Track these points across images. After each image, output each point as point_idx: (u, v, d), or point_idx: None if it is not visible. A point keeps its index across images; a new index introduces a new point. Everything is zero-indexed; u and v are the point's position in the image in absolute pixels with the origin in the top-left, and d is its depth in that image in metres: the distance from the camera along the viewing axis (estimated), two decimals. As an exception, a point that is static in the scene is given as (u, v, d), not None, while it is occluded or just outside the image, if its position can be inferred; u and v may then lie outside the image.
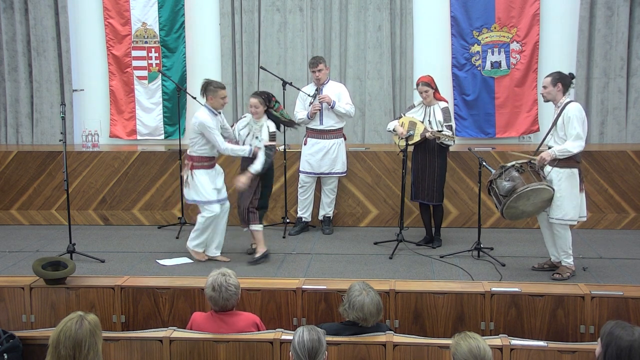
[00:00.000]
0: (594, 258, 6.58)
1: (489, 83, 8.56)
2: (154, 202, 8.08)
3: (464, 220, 7.81)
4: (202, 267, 6.34)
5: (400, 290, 4.90)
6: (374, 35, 8.62)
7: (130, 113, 9.03)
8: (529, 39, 8.42)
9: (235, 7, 8.76)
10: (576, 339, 4.70)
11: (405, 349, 4.07)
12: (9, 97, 9.02)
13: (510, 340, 4.07)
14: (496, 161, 7.41)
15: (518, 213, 6.00)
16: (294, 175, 7.77)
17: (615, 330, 3.37)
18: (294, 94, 7.83)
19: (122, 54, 8.94)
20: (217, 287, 4.21)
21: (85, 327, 3.38)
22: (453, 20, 8.53)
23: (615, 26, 8.26)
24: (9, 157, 8.14)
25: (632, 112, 8.40)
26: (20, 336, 4.17)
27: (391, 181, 7.82)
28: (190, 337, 4.21)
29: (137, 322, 5.04)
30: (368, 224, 7.92)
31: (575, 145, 5.78)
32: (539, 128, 8.45)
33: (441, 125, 6.83)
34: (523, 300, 4.82)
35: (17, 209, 8.19)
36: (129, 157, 8.09)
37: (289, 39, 8.72)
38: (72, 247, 6.58)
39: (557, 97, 5.93)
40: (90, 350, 3.36)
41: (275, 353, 4.11)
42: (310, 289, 4.96)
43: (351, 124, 8.45)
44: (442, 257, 6.61)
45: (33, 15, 8.88)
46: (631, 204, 7.64)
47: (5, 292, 5.07)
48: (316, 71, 7.41)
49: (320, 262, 6.56)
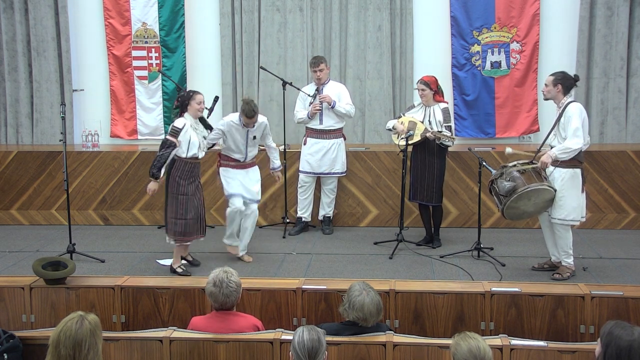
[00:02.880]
0: (594, 258, 6.58)
1: (489, 83, 8.56)
2: (154, 202, 8.07)
3: (464, 220, 7.81)
4: (202, 267, 6.35)
5: (400, 290, 4.90)
6: (374, 35, 8.62)
7: (131, 113, 9.04)
8: (529, 39, 8.42)
9: (235, 7, 8.76)
10: (576, 339, 4.70)
11: (405, 349, 4.07)
12: (9, 97, 9.02)
13: (510, 340, 4.07)
14: (496, 161, 7.41)
15: (519, 213, 6.00)
16: (294, 175, 7.77)
17: (615, 330, 3.36)
18: (294, 94, 7.83)
19: (123, 54, 8.94)
20: (218, 282, 4.21)
21: (85, 327, 3.38)
22: (453, 20, 8.53)
23: (615, 26, 8.26)
24: (9, 157, 8.14)
25: (632, 112, 8.40)
26: (20, 336, 4.16)
27: (391, 181, 7.82)
28: (190, 337, 4.21)
29: (137, 322, 5.03)
30: (368, 224, 7.92)
31: (574, 141, 5.76)
32: (539, 128, 8.45)
33: (441, 126, 6.83)
34: (523, 300, 4.81)
35: (17, 209, 8.19)
36: (129, 157, 8.09)
37: (289, 39, 8.72)
38: (72, 247, 6.59)
39: (557, 97, 5.93)
40: (90, 350, 3.36)
41: (275, 353, 4.11)
42: (310, 289, 4.96)
43: (351, 124, 8.45)
44: (442, 257, 6.61)
45: (33, 15, 8.88)
46: (631, 204, 7.64)
47: (5, 292, 5.06)
48: (317, 71, 7.41)
49: (320, 262, 6.56)
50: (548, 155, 5.84)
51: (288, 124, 7.91)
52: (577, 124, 5.76)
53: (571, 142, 5.77)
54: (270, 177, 7.03)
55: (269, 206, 7.95)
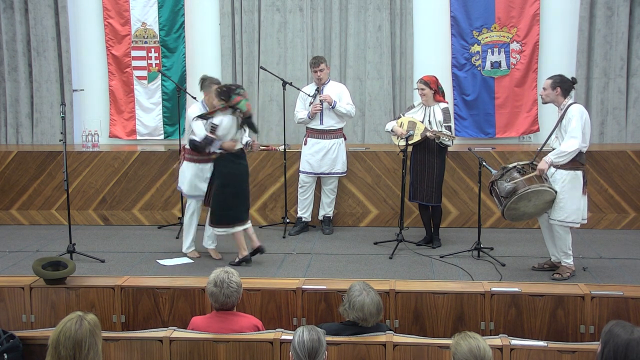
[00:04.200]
0: (594, 258, 6.58)
1: (488, 83, 8.56)
2: (154, 202, 8.08)
3: (464, 220, 7.81)
4: (202, 267, 6.34)
5: (400, 290, 4.89)
6: (374, 35, 8.62)
7: (130, 113, 9.03)
8: (529, 39, 8.42)
9: (235, 7, 8.76)
10: (576, 339, 4.69)
11: (405, 349, 4.07)
12: (9, 97, 9.02)
13: (510, 340, 4.07)
14: (496, 161, 7.41)
15: (519, 214, 6.00)
16: (294, 175, 7.77)
17: (615, 328, 3.36)
18: (294, 94, 7.83)
19: (122, 54, 8.94)
20: (219, 282, 4.21)
21: (85, 327, 3.38)
22: (453, 20, 8.53)
23: (615, 26, 8.26)
24: (9, 157, 8.14)
25: (632, 112, 8.40)
26: (20, 336, 4.16)
27: (391, 181, 7.82)
28: (190, 337, 4.21)
29: (137, 322, 5.03)
30: (368, 224, 7.92)
31: (570, 143, 5.76)
32: (539, 128, 8.45)
33: (441, 126, 6.83)
34: (523, 300, 4.81)
35: (17, 209, 8.19)
36: (129, 157, 8.09)
37: (289, 39, 8.72)
38: (72, 247, 6.59)
39: (557, 100, 5.93)
40: (90, 350, 3.36)
41: (275, 353, 4.11)
42: (310, 289, 4.95)
43: (351, 124, 8.45)
44: (442, 257, 6.61)
45: (33, 15, 8.88)
46: (631, 204, 7.65)
47: (5, 292, 5.06)
48: (318, 71, 7.41)
49: (320, 262, 6.56)
50: (544, 162, 5.82)
51: (288, 124, 7.91)
52: (575, 125, 5.76)
53: (567, 144, 5.77)
54: (270, 176, 7.03)
55: (269, 206, 7.95)
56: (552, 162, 5.80)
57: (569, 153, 5.77)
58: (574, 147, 5.76)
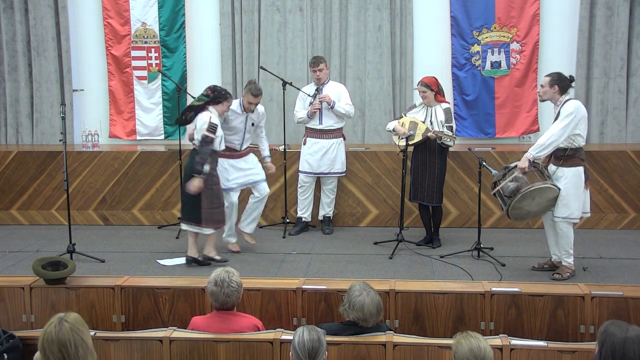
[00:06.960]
0: (594, 258, 6.58)
1: (488, 83, 8.56)
2: (154, 202, 8.08)
3: (464, 220, 7.81)
4: (202, 268, 6.34)
5: (400, 290, 4.89)
6: (374, 35, 8.62)
7: (130, 113, 9.03)
8: (529, 39, 8.42)
9: (235, 7, 8.76)
10: (576, 339, 4.69)
11: (405, 349, 4.07)
12: (9, 97, 9.02)
13: (510, 340, 4.07)
14: (496, 161, 7.42)
15: (523, 213, 6.00)
16: (294, 175, 7.77)
17: (610, 328, 3.37)
18: (294, 94, 7.83)
19: (122, 54, 8.94)
20: (220, 282, 4.21)
21: (65, 328, 3.32)
22: (453, 20, 8.53)
23: (615, 26, 8.26)
24: (9, 157, 8.15)
25: (632, 112, 8.40)
26: (20, 336, 4.16)
27: (391, 181, 7.82)
28: (190, 337, 4.21)
29: (137, 322, 5.03)
30: (368, 224, 7.92)
31: (545, 135, 5.79)
32: (539, 128, 8.45)
33: (442, 126, 6.82)
34: (523, 300, 4.81)
35: (17, 209, 8.19)
36: (129, 157, 8.09)
37: (289, 39, 8.72)
38: (72, 247, 6.59)
39: (554, 98, 5.94)
40: (78, 348, 3.31)
41: (275, 353, 4.11)
42: (310, 289, 4.95)
43: (351, 124, 8.45)
44: (442, 257, 6.61)
45: (33, 15, 8.88)
46: (631, 204, 7.65)
47: (5, 292, 5.06)
48: (317, 70, 7.41)
49: (320, 262, 6.56)
50: (525, 159, 5.82)
51: (288, 124, 7.91)
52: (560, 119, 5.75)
53: (543, 136, 5.81)
54: (270, 176, 7.03)
55: (269, 206, 7.93)
56: (534, 156, 5.81)
57: (547, 145, 5.75)
58: (550, 138, 5.74)
